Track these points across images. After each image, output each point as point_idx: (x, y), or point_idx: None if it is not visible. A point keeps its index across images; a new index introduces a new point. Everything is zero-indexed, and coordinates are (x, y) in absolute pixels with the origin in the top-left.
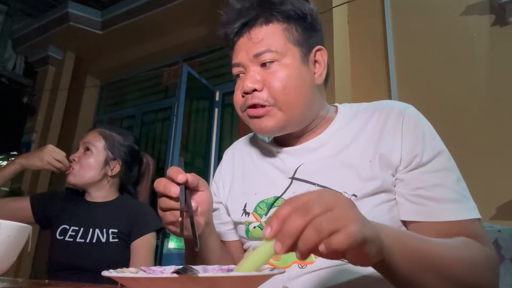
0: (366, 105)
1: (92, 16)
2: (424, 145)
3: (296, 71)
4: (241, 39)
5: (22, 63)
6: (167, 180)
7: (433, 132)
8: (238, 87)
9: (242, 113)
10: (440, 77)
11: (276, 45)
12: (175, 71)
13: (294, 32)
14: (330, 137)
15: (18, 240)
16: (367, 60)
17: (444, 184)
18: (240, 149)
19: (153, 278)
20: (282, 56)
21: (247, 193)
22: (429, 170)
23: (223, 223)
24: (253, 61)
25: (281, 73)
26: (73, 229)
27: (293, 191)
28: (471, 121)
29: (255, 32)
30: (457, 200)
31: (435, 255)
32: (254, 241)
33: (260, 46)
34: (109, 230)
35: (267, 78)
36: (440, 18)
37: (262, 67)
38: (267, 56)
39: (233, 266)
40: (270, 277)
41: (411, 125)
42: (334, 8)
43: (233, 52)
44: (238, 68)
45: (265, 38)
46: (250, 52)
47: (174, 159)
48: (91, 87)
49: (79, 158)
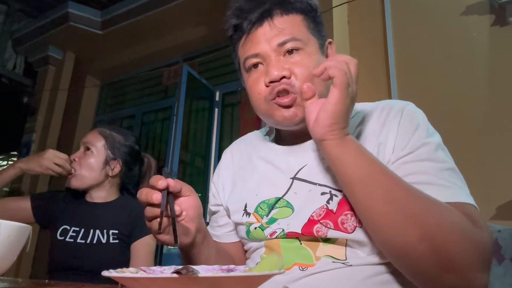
0: (368, 104)
1: (92, 16)
2: (413, 136)
3: (317, 60)
4: (260, 29)
5: (22, 63)
6: (149, 188)
7: (428, 126)
8: (258, 78)
9: (267, 104)
10: (440, 77)
11: (299, 33)
12: (175, 71)
13: (311, 23)
14: None
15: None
16: (367, 60)
17: (425, 171)
18: (239, 149)
19: (153, 278)
20: (306, 45)
21: (248, 194)
22: (411, 160)
23: (223, 225)
24: (276, 50)
25: (306, 62)
26: (74, 230)
27: (294, 191)
28: (471, 121)
29: (278, 21)
30: (440, 184)
31: (393, 179)
32: (254, 242)
33: (284, 34)
34: (110, 231)
35: (293, 66)
36: (440, 18)
37: (286, 56)
38: (293, 44)
39: (233, 266)
40: (270, 277)
41: (407, 119)
42: (334, 8)
43: (247, 42)
44: (256, 58)
45: (288, 27)
46: (274, 41)
47: (174, 159)
48: (91, 87)
49: (80, 158)
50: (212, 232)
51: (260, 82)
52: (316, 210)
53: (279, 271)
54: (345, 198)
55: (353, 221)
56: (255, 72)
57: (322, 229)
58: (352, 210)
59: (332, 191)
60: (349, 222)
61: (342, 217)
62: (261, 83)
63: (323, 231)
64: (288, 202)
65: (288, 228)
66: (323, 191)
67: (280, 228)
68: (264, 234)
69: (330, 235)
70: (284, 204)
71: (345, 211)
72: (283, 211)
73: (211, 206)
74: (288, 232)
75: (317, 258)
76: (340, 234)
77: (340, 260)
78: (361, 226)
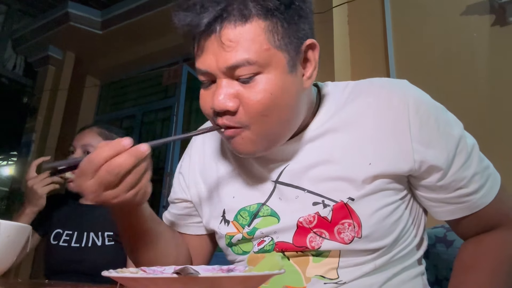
0: (354, 85)
1: (92, 16)
2: (445, 140)
3: (280, 85)
4: (208, 40)
5: (22, 63)
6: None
7: (444, 114)
8: (206, 96)
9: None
10: (440, 77)
11: (256, 54)
12: (175, 71)
13: (279, 30)
14: (318, 133)
15: (18, 240)
16: (367, 60)
17: (476, 172)
18: (213, 137)
19: (153, 278)
20: (264, 68)
21: (225, 196)
22: (459, 165)
23: (186, 215)
24: (226, 73)
25: (261, 90)
26: (67, 234)
27: (279, 197)
28: (471, 121)
29: (227, 34)
30: (485, 181)
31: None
32: (239, 255)
33: (235, 54)
34: (105, 233)
35: (244, 95)
36: (440, 18)
37: (239, 79)
38: (244, 71)
39: (233, 266)
40: (270, 277)
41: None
42: (334, 8)
43: (197, 49)
44: (204, 76)
45: (241, 42)
46: (222, 61)
47: (174, 159)
48: (91, 87)
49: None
50: (171, 219)
51: (208, 102)
52: (305, 216)
53: (279, 271)
54: (339, 204)
55: (351, 231)
56: (205, 87)
57: (316, 239)
58: (350, 218)
59: (326, 201)
60: (346, 231)
61: (339, 226)
62: (208, 104)
63: (317, 241)
64: (273, 210)
65: (277, 238)
66: (315, 201)
67: (269, 237)
68: (251, 244)
69: (325, 246)
70: (268, 212)
71: (342, 220)
72: (267, 220)
73: (175, 199)
74: (278, 242)
75: (307, 280)
76: (336, 245)
77: (332, 280)
78: (360, 237)
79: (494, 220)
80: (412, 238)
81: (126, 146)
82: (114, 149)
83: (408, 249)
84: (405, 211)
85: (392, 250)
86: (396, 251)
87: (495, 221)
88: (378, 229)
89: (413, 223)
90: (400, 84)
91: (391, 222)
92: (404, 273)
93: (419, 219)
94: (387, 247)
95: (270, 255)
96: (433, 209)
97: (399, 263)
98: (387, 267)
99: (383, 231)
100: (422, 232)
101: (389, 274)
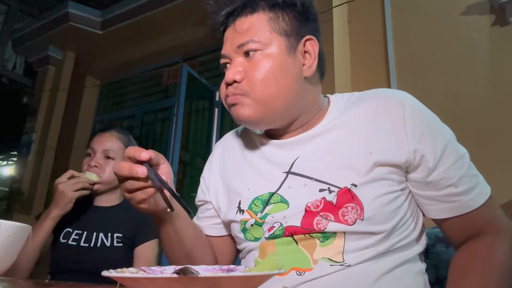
0: (359, 94)
1: (92, 16)
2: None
3: (279, 62)
4: (227, 30)
5: (22, 63)
6: (130, 163)
7: (436, 120)
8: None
9: (226, 103)
10: (440, 77)
11: (260, 35)
12: (175, 71)
13: (281, 22)
14: (325, 129)
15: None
16: (367, 60)
17: (465, 175)
18: (231, 143)
19: (153, 278)
20: (266, 46)
21: (240, 190)
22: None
23: (209, 217)
24: (237, 51)
25: (263, 63)
26: (77, 233)
27: (289, 186)
28: (471, 121)
29: (240, 23)
30: (474, 185)
31: None
32: (250, 242)
33: (244, 36)
34: (114, 235)
35: (249, 68)
36: (440, 18)
37: (245, 57)
38: (249, 46)
39: (233, 266)
40: (270, 277)
41: (416, 119)
42: (334, 8)
43: (224, 41)
44: (224, 59)
45: (250, 28)
46: (235, 42)
47: (174, 159)
48: (91, 87)
49: (102, 165)
50: (197, 222)
51: (223, 82)
52: (313, 201)
53: (279, 271)
54: (343, 190)
55: (354, 214)
56: (225, 70)
57: (322, 221)
58: (353, 202)
59: (331, 188)
60: (350, 214)
61: (343, 209)
62: (223, 83)
63: (323, 223)
64: (282, 197)
65: (286, 222)
66: (321, 188)
67: (278, 222)
68: (262, 230)
69: (330, 228)
70: (278, 199)
71: (346, 203)
72: (278, 206)
73: (198, 201)
74: (287, 226)
75: (315, 262)
76: (340, 226)
77: (338, 262)
78: (362, 219)
79: (481, 224)
80: (411, 230)
81: (141, 175)
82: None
83: (407, 240)
84: (405, 203)
85: (392, 237)
86: (396, 240)
87: (482, 226)
88: (379, 213)
89: (412, 216)
90: (400, 92)
91: (391, 209)
92: (405, 265)
93: (417, 215)
94: (388, 232)
95: (271, 256)
96: (426, 207)
97: (400, 252)
98: (389, 255)
99: (384, 216)
100: (420, 227)
101: (391, 263)
